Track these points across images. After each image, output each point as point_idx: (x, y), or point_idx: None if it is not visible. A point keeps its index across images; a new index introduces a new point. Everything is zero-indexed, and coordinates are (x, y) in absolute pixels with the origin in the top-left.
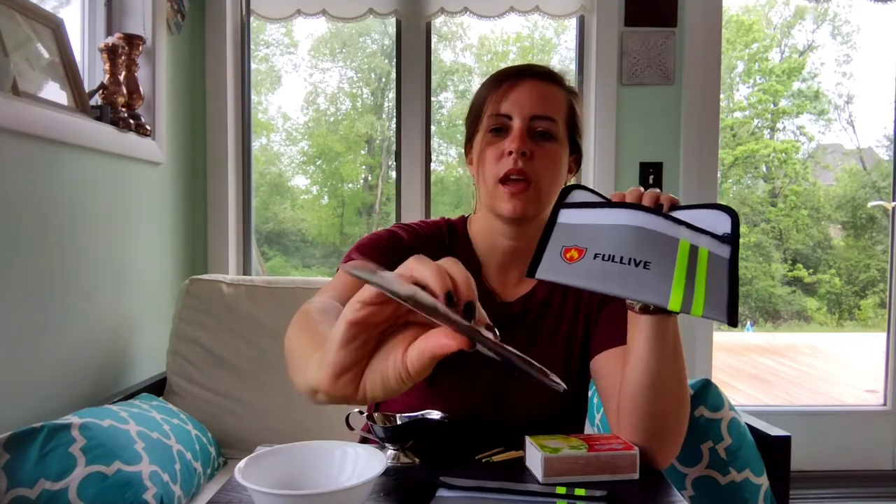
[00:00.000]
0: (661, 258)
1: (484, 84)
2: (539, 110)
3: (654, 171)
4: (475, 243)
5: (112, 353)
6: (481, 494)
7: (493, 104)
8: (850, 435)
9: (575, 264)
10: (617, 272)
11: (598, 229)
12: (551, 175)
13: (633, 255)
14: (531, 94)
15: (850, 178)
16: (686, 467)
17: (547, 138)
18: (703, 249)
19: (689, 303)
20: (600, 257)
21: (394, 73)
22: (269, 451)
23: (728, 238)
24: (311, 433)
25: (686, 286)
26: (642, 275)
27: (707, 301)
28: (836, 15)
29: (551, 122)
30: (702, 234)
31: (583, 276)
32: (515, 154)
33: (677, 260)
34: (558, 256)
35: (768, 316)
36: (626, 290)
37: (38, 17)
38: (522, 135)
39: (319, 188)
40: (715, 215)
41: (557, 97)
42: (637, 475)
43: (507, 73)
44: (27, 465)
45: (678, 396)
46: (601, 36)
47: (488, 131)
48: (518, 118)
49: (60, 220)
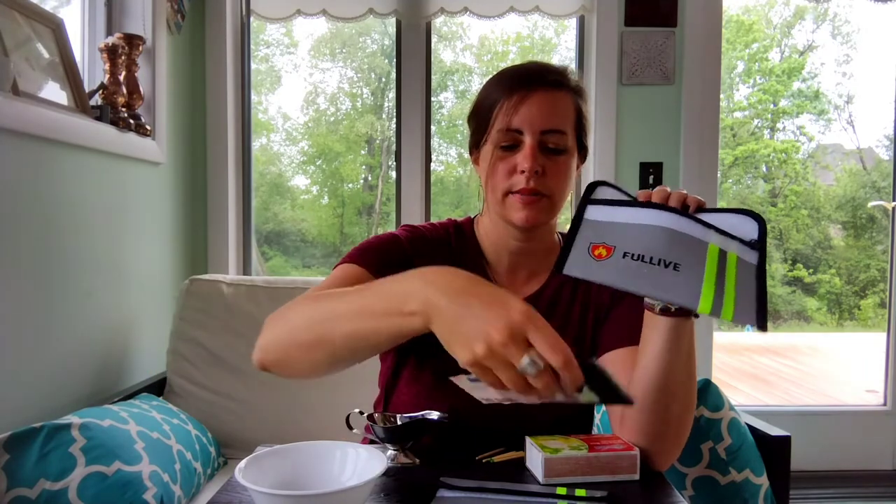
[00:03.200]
0: (691, 260)
1: (492, 85)
2: (550, 124)
3: (654, 171)
4: (483, 244)
5: (112, 353)
6: (482, 495)
7: (503, 118)
8: (850, 435)
9: (603, 261)
10: (647, 272)
11: (626, 228)
12: (563, 187)
13: (663, 256)
14: (541, 108)
15: (850, 178)
16: (686, 467)
17: (558, 152)
18: (731, 254)
19: (720, 307)
20: (630, 256)
21: (394, 73)
22: (269, 451)
23: (756, 245)
24: (311, 433)
25: (716, 290)
26: (672, 276)
27: (737, 306)
28: (836, 15)
29: (562, 135)
30: (730, 238)
31: (612, 273)
32: (528, 173)
33: (706, 263)
34: (586, 253)
35: (768, 316)
36: (657, 291)
37: (38, 17)
38: (535, 152)
39: (319, 188)
40: (742, 220)
41: (567, 105)
42: (637, 476)
43: (518, 80)
44: (27, 465)
45: (686, 400)
46: (601, 36)
47: (498, 146)
48: (529, 135)
49: (60, 220)
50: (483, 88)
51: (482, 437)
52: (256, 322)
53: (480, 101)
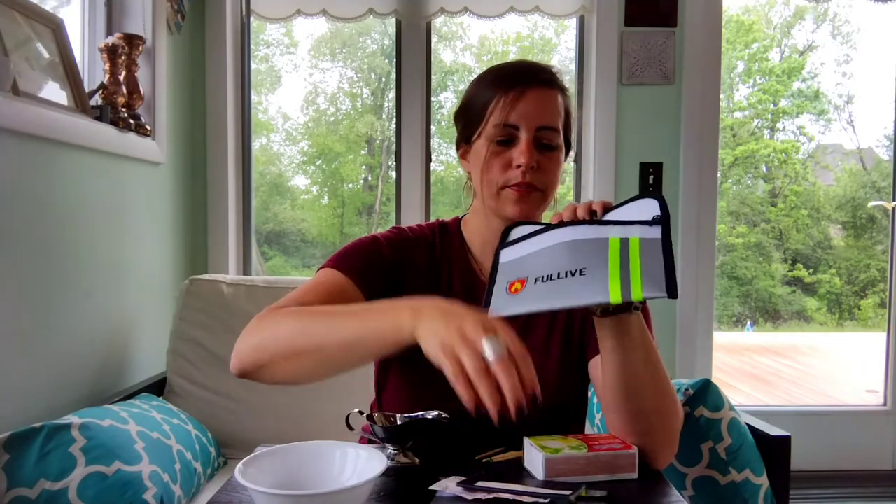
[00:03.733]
0: (595, 262)
1: (485, 82)
2: (545, 121)
3: (654, 171)
4: (471, 242)
5: (112, 353)
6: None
7: (501, 113)
8: (850, 435)
9: (520, 294)
10: (558, 288)
11: (533, 257)
12: (555, 181)
13: (569, 268)
14: (538, 104)
15: (850, 178)
16: (686, 467)
17: (550, 148)
18: (633, 239)
19: (628, 290)
20: (540, 279)
21: (394, 73)
22: (269, 451)
23: (659, 219)
24: (311, 433)
25: (622, 276)
26: (580, 281)
27: (644, 283)
28: (836, 15)
29: (554, 132)
30: (631, 224)
31: (530, 301)
32: (525, 168)
33: (609, 257)
34: (505, 292)
35: (768, 316)
36: (569, 300)
37: (38, 17)
38: (531, 148)
39: (319, 188)
40: (644, 204)
41: (558, 104)
42: (636, 474)
43: (514, 77)
44: (27, 465)
45: (657, 395)
46: (601, 36)
47: (494, 141)
48: (525, 130)
49: (60, 220)
50: (473, 85)
51: (480, 437)
52: None
53: (472, 98)
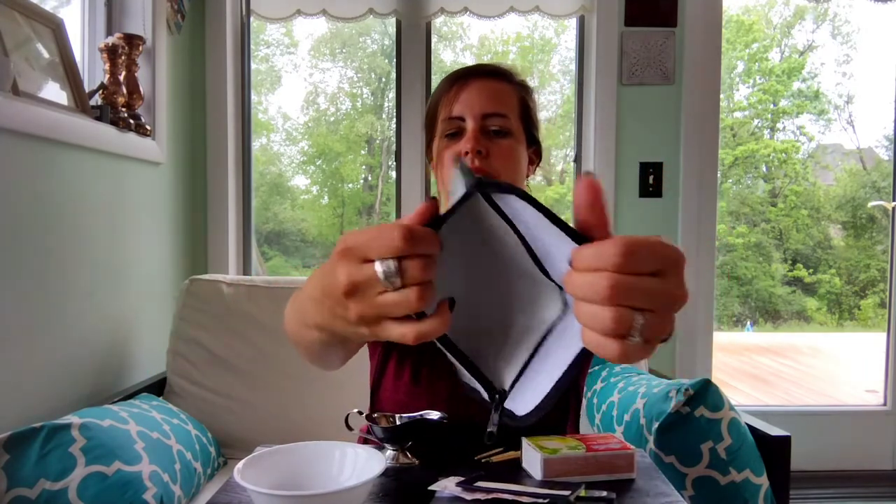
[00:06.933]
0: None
1: (436, 88)
2: (490, 108)
3: (654, 171)
4: None
5: (112, 353)
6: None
7: (445, 108)
8: (850, 435)
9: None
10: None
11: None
12: (510, 170)
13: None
14: (480, 93)
15: (850, 178)
16: (686, 467)
17: (502, 135)
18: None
19: None
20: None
21: (394, 73)
22: (268, 451)
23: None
24: (311, 433)
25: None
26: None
27: None
28: (836, 15)
29: (504, 119)
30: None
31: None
32: (471, 154)
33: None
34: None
35: (768, 316)
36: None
37: (38, 17)
38: (476, 135)
39: (319, 188)
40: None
41: (507, 93)
42: (635, 474)
43: (456, 76)
44: (27, 465)
45: None
46: (601, 36)
47: (444, 136)
48: (470, 118)
49: (60, 220)
50: (431, 95)
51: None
52: (256, 322)
53: (428, 105)
